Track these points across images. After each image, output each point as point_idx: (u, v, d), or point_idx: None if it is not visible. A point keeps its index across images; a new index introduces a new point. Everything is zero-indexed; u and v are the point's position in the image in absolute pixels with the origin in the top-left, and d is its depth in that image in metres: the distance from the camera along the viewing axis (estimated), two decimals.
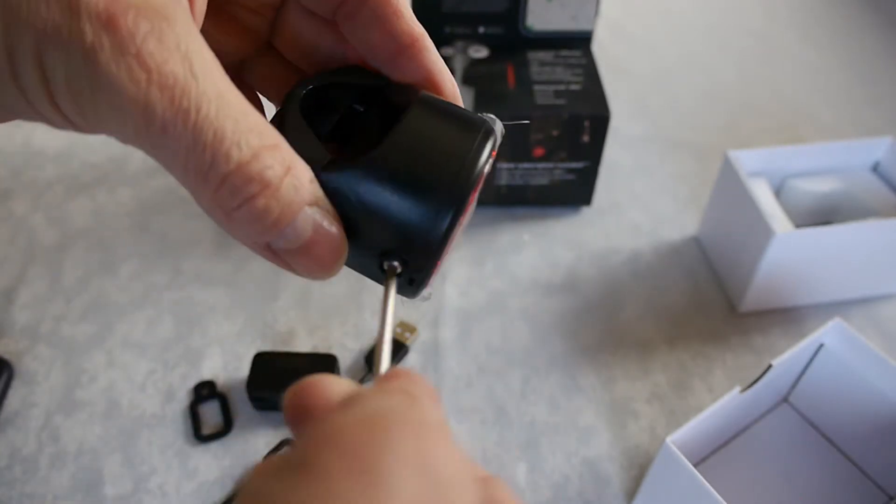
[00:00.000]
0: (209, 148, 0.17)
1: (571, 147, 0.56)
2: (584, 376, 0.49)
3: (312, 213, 0.19)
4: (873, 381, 0.42)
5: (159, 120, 0.16)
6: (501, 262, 0.57)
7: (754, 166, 0.54)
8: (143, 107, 0.16)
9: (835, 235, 0.49)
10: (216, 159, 0.17)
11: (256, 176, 0.17)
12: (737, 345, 0.51)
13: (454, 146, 0.20)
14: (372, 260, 0.21)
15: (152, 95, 0.16)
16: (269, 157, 0.18)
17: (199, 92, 0.17)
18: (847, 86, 0.78)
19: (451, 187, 0.20)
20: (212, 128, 0.17)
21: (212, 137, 0.17)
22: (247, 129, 0.17)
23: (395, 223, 0.20)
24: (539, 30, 0.60)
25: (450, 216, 0.20)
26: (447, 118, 0.21)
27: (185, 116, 0.16)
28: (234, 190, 0.17)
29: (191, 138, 0.17)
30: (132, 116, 0.16)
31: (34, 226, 0.60)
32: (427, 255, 0.20)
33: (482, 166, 0.20)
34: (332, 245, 0.20)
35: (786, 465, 0.45)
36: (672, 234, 0.60)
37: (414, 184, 0.20)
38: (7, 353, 0.50)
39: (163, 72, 0.16)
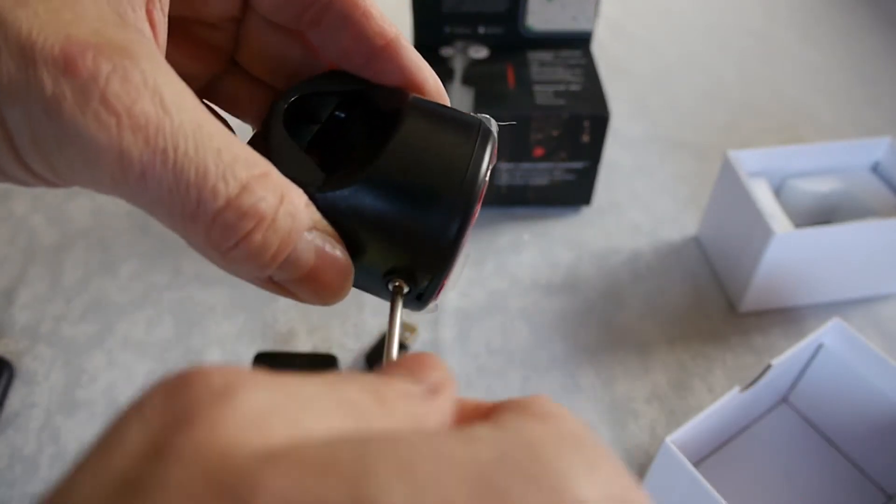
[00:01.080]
0: (193, 187, 0.16)
1: (571, 147, 0.56)
2: (584, 376, 0.49)
3: (313, 239, 0.18)
4: (873, 381, 0.42)
5: (137, 165, 0.15)
6: (501, 262, 0.57)
7: (754, 166, 0.54)
8: (117, 154, 0.15)
9: (834, 235, 0.49)
10: (203, 198, 0.16)
11: (249, 210, 0.16)
12: (737, 345, 0.52)
13: (454, 154, 0.19)
14: (377, 279, 0.20)
15: (125, 140, 0.15)
16: (259, 188, 0.16)
17: (174, 128, 0.15)
18: (847, 86, 0.78)
19: (456, 197, 0.19)
20: (193, 165, 0.16)
21: (194, 175, 0.16)
22: (231, 161, 0.16)
23: (399, 239, 0.19)
24: (539, 30, 0.60)
25: (457, 227, 0.19)
26: (442, 124, 0.20)
27: (163, 157, 0.15)
28: (226, 228, 0.16)
29: (172, 179, 0.15)
30: (108, 166, 0.15)
31: (34, 226, 0.60)
32: (435, 269, 0.20)
33: (485, 172, 0.20)
34: (338, 269, 0.19)
35: (785, 464, 0.45)
36: (672, 234, 0.60)
37: (417, 197, 0.19)
38: (7, 353, 0.50)
39: (133, 113, 0.15)
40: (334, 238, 0.19)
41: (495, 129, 0.21)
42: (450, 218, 0.19)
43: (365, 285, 0.21)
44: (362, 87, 0.22)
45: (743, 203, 0.50)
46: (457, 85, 0.57)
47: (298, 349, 0.50)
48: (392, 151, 0.19)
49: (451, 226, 0.19)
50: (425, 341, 0.51)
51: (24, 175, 0.16)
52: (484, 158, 0.20)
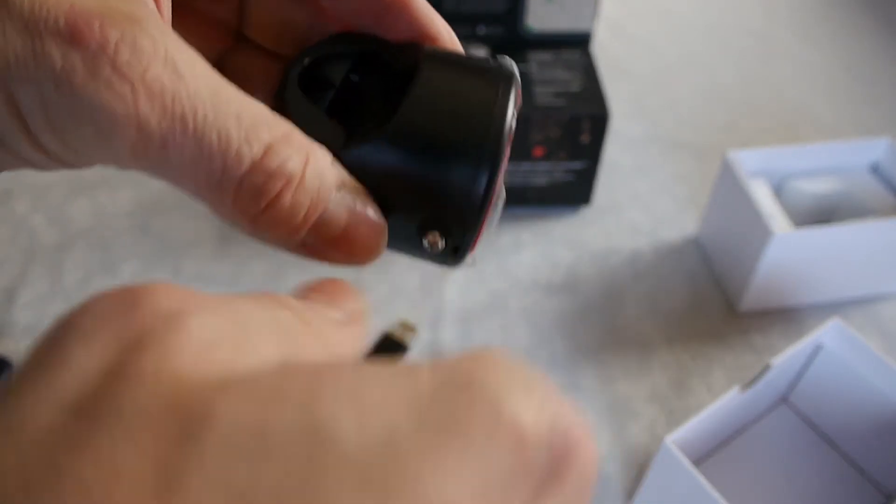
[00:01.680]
0: (217, 153, 0.15)
1: (571, 147, 0.56)
2: (583, 376, 0.49)
3: (342, 198, 0.17)
4: (872, 381, 0.42)
5: (157, 134, 0.15)
6: (501, 262, 0.57)
7: (754, 166, 0.54)
8: (135, 124, 0.15)
9: (834, 235, 0.49)
10: (227, 163, 0.15)
11: (276, 171, 0.16)
12: (736, 344, 0.52)
13: (477, 99, 0.19)
14: (411, 236, 0.19)
15: (142, 108, 0.15)
16: (284, 148, 0.16)
17: (190, 94, 0.15)
18: (846, 86, 0.78)
19: (485, 140, 0.18)
20: (214, 130, 0.15)
21: (217, 141, 0.15)
22: (252, 123, 0.16)
23: (430, 191, 0.18)
24: (539, 30, 0.60)
25: (488, 171, 0.18)
26: (462, 70, 0.20)
27: (182, 124, 0.15)
28: (254, 192, 0.16)
29: (194, 146, 0.15)
30: (126, 137, 0.15)
31: (35, 226, 0.60)
32: (470, 217, 0.19)
33: (512, 114, 0.19)
34: (370, 226, 0.18)
35: (785, 464, 0.45)
36: (672, 234, 0.60)
37: (444, 144, 0.18)
38: (8, 352, 0.50)
39: (147, 80, 0.15)
40: (364, 195, 0.18)
41: (517, 71, 0.20)
42: (479, 163, 0.18)
43: (398, 245, 0.20)
44: (375, 47, 0.21)
45: (742, 203, 0.50)
46: None
47: None
48: (413, 102, 0.19)
49: (481, 171, 0.18)
50: (425, 341, 0.51)
51: (40, 157, 0.16)
52: (509, 102, 0.19)
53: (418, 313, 0.53)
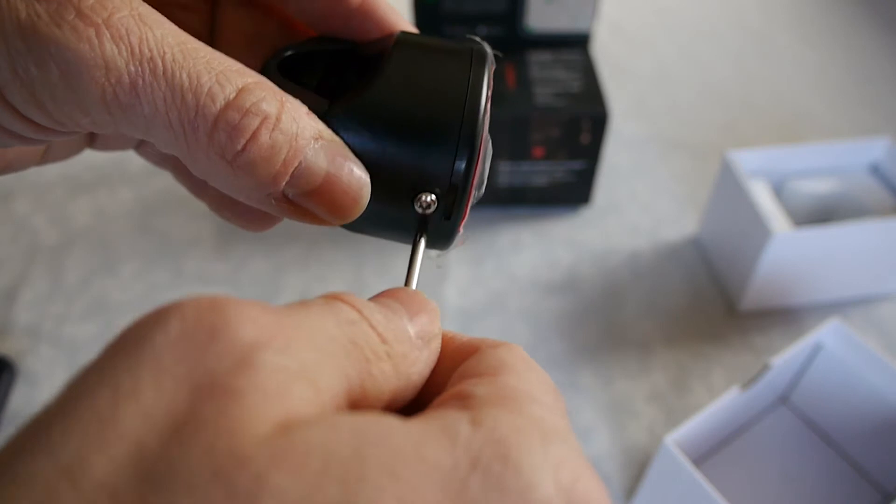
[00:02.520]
0: (189, 92, 0.15)
1: (571, 147, 0.56)
2: (583, 376, 0.49)
3: (322, 146, 0.17)
4: (872, 381, 0.42)
5: (125, 77, 0.15)
6: (501, 262, 0.57)
7: (753, 166, 0.54)
8: (102, 66, 0.15)
9: (833, 235, 0.49)
10: (201, 102, 0.15)
11: (252, 108, 0.16)
12: (736, 344, 0.52)
13: (453, 64, 0.19)
14: (400, 204, 0.19)
15: (107, 50, 0.14)
16: (258, 90, 0.16)
17: (157, 38, 0.15)
18: (845, 86, 0.78)
19: (465, 101, 0.19)
20: (185, 70, 0.15)
21: (188, 80, 0.15)
22: (223, 69, 0.16)
23: (416, 151, 0.19)
24: (539, 30, 0.61)
25: (470, 126, 0.19)
26: (434, 43, 0.20)
27: (151, 65, 0.15)
28: (231, 129, 0.15)
29: (165, 86, 0.15)
30: (94, 82, 0.15)
31: (36, 226, 0.60)
32: (459, 175, 0.19)
33: (487, 81, 0.19)
34: (352, 175, 0.18)
35: (784, 464, 0.45)
36: (671, 234, 0.60)
37: (425, 107, 0.19)
38: (9, 352, 0.50)
39: (111, 23, 0.15)
40: (343, 147, 0.18)
41: (489, 50, 0.21)
42: (465, 117, 0.19)
43: (387, 220, 0.20)
44: (351, 45, 0.21)
45: (742, 203, 0.51)
46: None
47: None
48: (393, 69, 0.19)
49: (467, 127, 0.19)
50: None
51: (14, 119, 0.16)
52: (484, 69, 0.20)
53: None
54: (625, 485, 0.44)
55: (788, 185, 0.55)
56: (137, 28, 0.15)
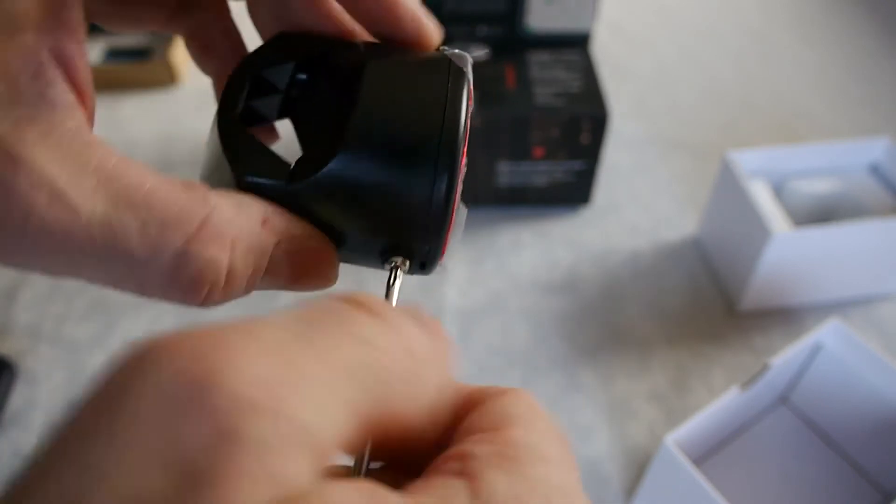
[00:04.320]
0: (131, 273, 0.15)
1: (571, 147, 0.56)
2: (583, 376, 0.49)
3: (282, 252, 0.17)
4: (871, 381, 0.42)
5: (63, 269, 0.15)
6: (501, 262, 0.57)
7: (753, 166, 0.54)
8: (40, 269, 0.15)
9: (833, 235, 0.49)
10: (145, 279, 0.16)
11: (196, 277, 0.16)
12: (736, 344, 0.52)
13: (426, 104, 0.18)
14: (374, 256, 0.19)
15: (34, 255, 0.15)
16: (200, 249, 0.16)
17: (83, 224, 0.15)
18: (845, 86, 0.78)
19: (438, 148, 0.17)
20: (120, 254, 0.15)
21: (124, 265, 0.15)
22: (160, 230, 0.15)
23: (385, 212, 0.18)
24: (539, 30, 0.61)
25: (445, 179, 0.17)
26: (408, 72, 0.19)
27: (82, 257, 0.15)
28: (184, 294, 0.16)
29: (104, 273, 0.15)
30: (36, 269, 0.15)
31: None
32: (431, 233, 0.18)
33: (464, 115, 0.18)
34: (318, 262, 0.18)
35: (784, 464, 0.45)
36: (671, 234, 0.60)
37: (394, 164, 0.17)
38: (9, 352, 0.50)
39: (32, 228, 0.14)
40: (304, 236, 0.18)
41: (469, 64, 0.19)
42: (435, 175, 0.17)
43: (363, 262, 0.20)
44: (319, 49, 0.20)
45: (742, 203, 0.51)
46: None
47: None
48: (357, 121, 0.18)
49: (438, 183, 0.17)
50: None
51: None
52: (460, 102, 0.18)
53: None
54: (625, 485, 0.44)
55: (788, 185, 0.55)
56: (60, 222, 0.14)
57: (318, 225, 0.18)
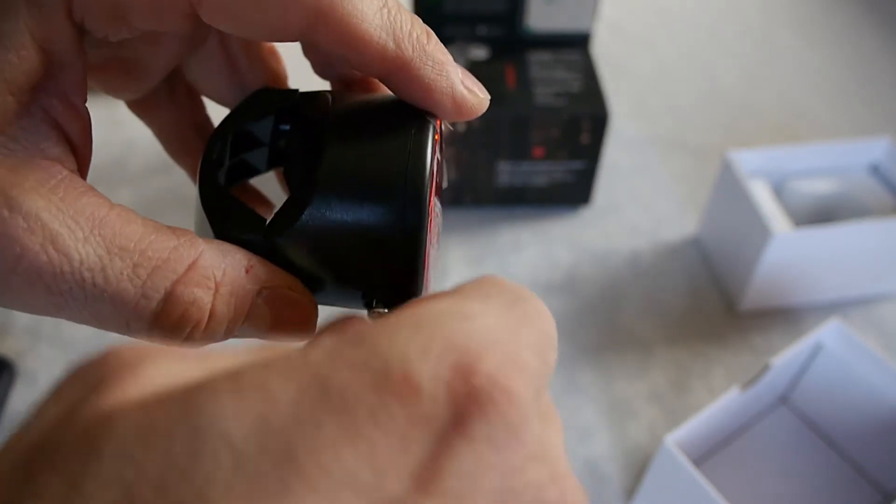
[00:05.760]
0: (115, 314, 0.16)
1: (571, 147, 0.56)
2: (583, 376, 0.49)
3: (264, 301, 0.18)
4: (872, 381, 0.42)
5: (51, 310, 0.16)
6: (501, 262, 0.57)
7: (753, 166, 0.54)
8: (27, 307, 0.16)
9: (833, 235, 0.49)
10: (130, 320, 0.16)
11: (182, 317, 0.16)
12: (736, 344, 0.52)
13: (391, 152, 0.18)
14: (357, 301, 0.20)
15: (24, 295, 0.15)
16: (187, 291, 0.16)
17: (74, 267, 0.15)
18: (846, 86, 0.78)
19: (405, 196, 0.18)
20: (106, 296, 0.16)
21: (111, 305, 0.16)
22: (149, 272, 0.16)
23: (360, 256, 0.19)
24: (539, 30, 0.61)
25: (416, 213, 0.18)
26: (370, 127, 0.19)
27: (71, 299, 0.16)
28: (166, 335, 0.16)
29: (90, 314, 0.16)
30: (23, 309, 0.16)
31: None
32: (408, 277, 0.19)
33: (429, 157, 0.18)
34: (299, 312, 0.19)
35: (785, 464, 0.45)
36: (671, 234, 0.60)
37: (363, 204, 0.18)
38: (9, 352, 0.50)
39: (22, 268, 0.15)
40: (286, 286, 0.19)
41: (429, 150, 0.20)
42: (405, 220, 0.18)
43: (346, 305, 0.21)
44: (293, 100, 0.21)
45: (742, 203, 0.51)
46: None
47: None
48: (323, 171, 0.18)
49: (409, 226, 0.18)
50: None
51: None
52: (426, 146, 0.19)
53: None
54: (625, 485, 0.44)
55: (788, 185, 0.55)
56: (51, 264, 0.15)
57: (297, 274, 0.19)
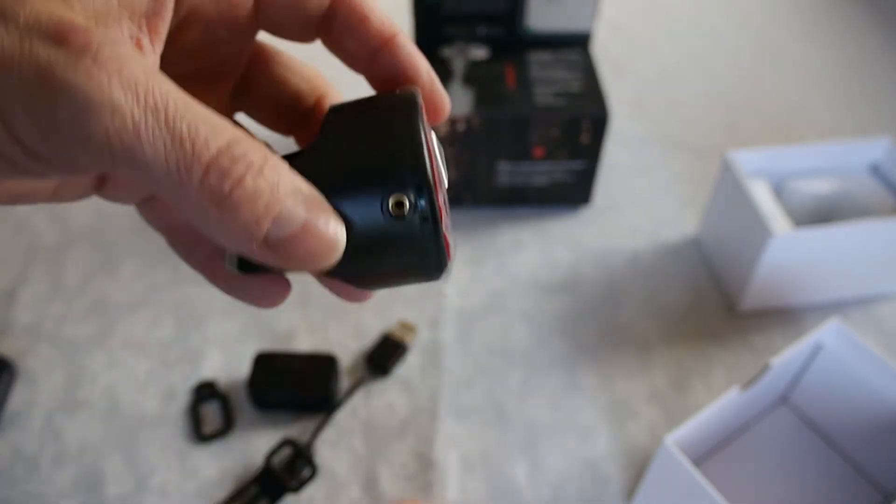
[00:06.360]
0: (187, 139, 0.17)
1: (571, 147, 0.56)
2: (583, 376, 0.49)
3: (300, 196, 0.19)
4: (871, 381, 0.42)
5: (129, 121, 0.16)
6: (501, 262, 0.57)
7: (753, 166, 0.54)
8: (109, 108, 0.16)
9: (833, 235, 0.49)
10: (196, 149, 0.17)
11: (240, 157, 0.17)
12: (736, 344, 0.52)
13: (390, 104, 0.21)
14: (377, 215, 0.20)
15: (116, 95, 0.16)
16: (245, 143, 0.18)
17: (163, 91, 0.17)
18: (846, 86, 0.78)
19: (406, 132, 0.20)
20: (185, 122, 0.17)
21: (187, 130, 0.17)
22: (216, 124, 0.17)
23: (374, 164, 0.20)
24: (539, 30, 0.61)
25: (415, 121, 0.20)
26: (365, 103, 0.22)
27: (155, 113, 0.16)
28: (221, 173, 0.17)
29: (166, 132, 0.17)
30: (101, 121, 0.16)
31: (36, 226, 0.60)
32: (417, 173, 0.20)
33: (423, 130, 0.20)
34: (329, 227, 0.19)
35: (785, 464, 0.45)
36: (671, 234, 0.60)
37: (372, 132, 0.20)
38: (9, 352, 0.50)
39: (123, 74, 0.16)
40: (318, 195, 0.19)
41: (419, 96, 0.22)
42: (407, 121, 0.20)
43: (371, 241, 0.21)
44: None
45: (742, 203, 0.51)
46: (457, 85, 0.57)
47: (298, 349, 0.50)
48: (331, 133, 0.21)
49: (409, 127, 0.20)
50: (425, 341, 0.51)
51: (20, 155, 0.17)
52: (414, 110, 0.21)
53: (418, 313, 0.53)
54: (625, 485, 0.44)
55: (788, 185, 0.55)
56: (146, 80, 0.17)
57: None
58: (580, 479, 0.44)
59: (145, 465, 0.44)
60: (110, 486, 0.43)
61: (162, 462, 0.44)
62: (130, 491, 0.43)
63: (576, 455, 0.45)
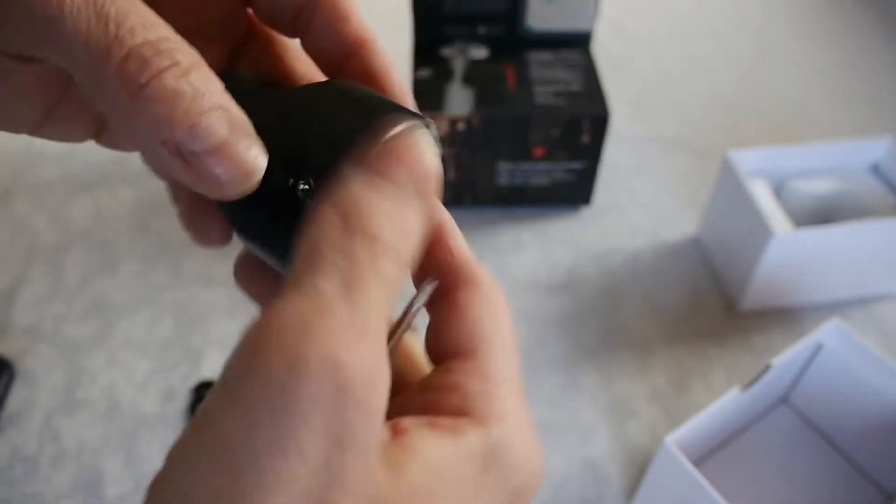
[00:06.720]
0: (113, 22, 0.16)
1: (571, 147, 0.56)
2: (583, 376, 0.49)
3: (225, 113, 0.17)
4: (872, 381, 0.42)
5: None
6: (501, 262, 0.57)
7: (754, 166, 0.54)
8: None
9: (833, 235, 0.49)
10: (120, 33, 0.16)
11: (165, 51, 0.16)
12: (736, 344, 0.52)
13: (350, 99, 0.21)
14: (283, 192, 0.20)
15: None
16: (178, 44, 0.17)
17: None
18: (846, 86, 0.78)
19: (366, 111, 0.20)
20: (115, 5, 0.16)
21: (115, 13, 0.16)
22: (153, 21, 0.17)
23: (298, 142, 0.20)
24: (539, 30, 0.60)
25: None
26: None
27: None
28: (141, 62, 0.16)
29: (91, 11, 0.16)
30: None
31: (35, 226, 0.60)
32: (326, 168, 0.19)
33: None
34: (250, 153, 0.18)
35: (785, 464, 0.45)
36: (672, 234, 0.60)
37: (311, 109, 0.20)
38: (8, 352, 0.50)
39: None
40: (244, 121, 0.18)
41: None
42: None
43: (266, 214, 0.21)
44: (255, 85, 0.23)
45: (742, 203, 0.50)
46: (457, 85, 0.57)
47: None
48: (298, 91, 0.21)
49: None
50: None
51: None
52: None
53: (418, 313, 0.53)
54: (625, 485, 0.44)
55: (788, 185, 0.55)
56: None
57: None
58: (580, 479, 0.44)
59: (145, 465, 0.44)
60: (109, 487, 0.43)
61: (162, 462, 0.44)
62: (130, 491, 0.43)
63: (576, 455, 0.45)
